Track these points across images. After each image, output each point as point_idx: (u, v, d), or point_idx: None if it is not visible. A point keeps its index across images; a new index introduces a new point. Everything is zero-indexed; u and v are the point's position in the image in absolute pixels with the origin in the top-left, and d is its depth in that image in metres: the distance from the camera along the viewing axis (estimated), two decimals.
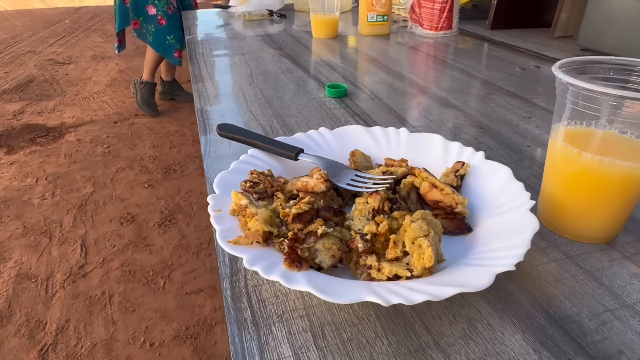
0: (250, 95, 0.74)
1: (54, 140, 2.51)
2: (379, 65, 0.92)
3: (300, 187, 0.40)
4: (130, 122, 2.75)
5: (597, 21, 0.89)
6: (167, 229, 1.79)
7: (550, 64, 0.92)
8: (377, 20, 1.14)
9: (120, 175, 2.17)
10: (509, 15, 1.25)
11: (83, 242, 1.69)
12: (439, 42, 1.10)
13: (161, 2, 2.32)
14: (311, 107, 0.69)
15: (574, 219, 0.39)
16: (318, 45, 1.09)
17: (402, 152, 0.47)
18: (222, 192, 0.38)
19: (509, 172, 0.40)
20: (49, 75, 3.62)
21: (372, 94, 0.75)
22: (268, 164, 0.44)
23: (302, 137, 0.48)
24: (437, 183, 0.38)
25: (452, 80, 0.82)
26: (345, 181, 0.40)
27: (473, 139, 0.58)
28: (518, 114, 0.66)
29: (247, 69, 0.89)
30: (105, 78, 3.57)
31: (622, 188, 0.36)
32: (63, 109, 2.94)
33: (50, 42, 4.72)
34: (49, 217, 1.84)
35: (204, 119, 0.64)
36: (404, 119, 0.64)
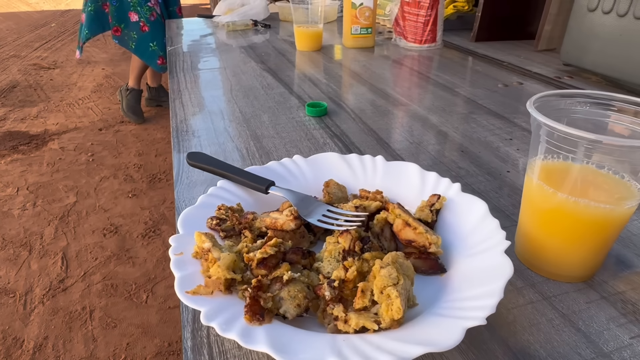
0: (229, 113, 0.73)
1: (37, 148, 2.46)
2: (362, 80, 0.91)
3: (269, 225, 0.38)
4: (115, 129, 2.70)
5: (579, 37, 0.89)
6: (151, 240, 1.75)
7: (533, 80, 0.91)
8: (361, 32, 1.13)
9: (104, 184, 2.13)
10: (494, 27, 1.25)
11: (64, 254, 1.65)
12: (422, 55, 1.09)
13: (144, 9, 2.28)
14: (290, 127, 0.67)
15: (550, 258, 0.38)
16: (301, 58, 1.07)
17: (377, 181, 0.46)
18: (187, 231, 0.36)
19: (485, 208, 0.39)
20: (33, 80, 3.56)
21: (354, 113, 0.73)
22: (238, 197, 0.42)
23: (275, 166, 0.47)
24: (410, 221, 0.37)
25: (435, 97, 0.81)
26: (316, 217, 0.39)
27: (453, 163, 0.57)
28: (499, 135, 0.65)
29: (228, 84, 0.87)
30: (91, 84, 3.52)
31: (599, 229, 0.35)
32: (47, 115, 2.89)
33: (35, 46, 4.65)
34: (29, 228, 1.80)
35: (179, 140, 0.62)
36: (384, 141, 0.63)
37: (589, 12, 0.86)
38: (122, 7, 2.29)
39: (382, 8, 1.40)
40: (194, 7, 7.05)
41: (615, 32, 0.81)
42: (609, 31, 0.82)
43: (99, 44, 4.78)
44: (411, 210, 0.41)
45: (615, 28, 0.81)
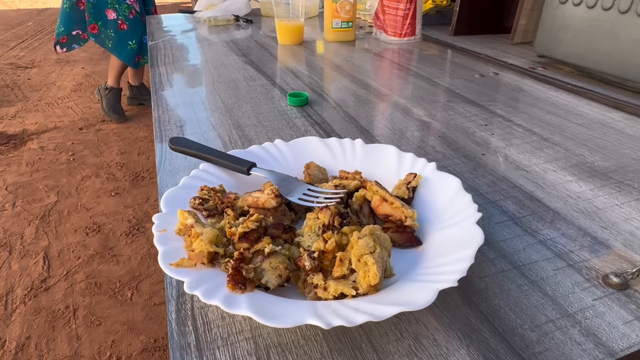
0: (211, 104, 0.73)
1: (15, 148, 2.41)
2: (343, 72, 0.92)
3: (251, 203, 0.39)
4: (96, 129, 2.67)
5: (551, 29, 0.92)
6: (135, 238, 1.74)
7: (509, 70, 0.94)
8: (342, 26, 1.14)
9: (86, 183, 2.11)
10: (471, 21, 1.27)
11: (46, 254, 1.63)
12: (402, 49, 1.11)
13: (122, 7, 2.26)
14: (272, 116, 0.68)
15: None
16: (283, 52, 1.08)
17: (357, 163, 0.47)
18: (170, 210, 0.37)
19: (458, 183, 0.40)
20: (9, 80, 3.48)
21: (335, 103, 0.75)
22: (220, 179, 0.43)
23: (257, 150, 0.48)
24: (387, 197, 0.38)
25: (415, 88, 0.83)
26: (297, 196, 0.40)
27: (431, 148, 0.59)
28: (475, 122, 0.67)
29: (210, 76, 0.88)
30: (71, 83, 3.46)
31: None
32: (25, 115, 2.83)
33: (12, 45, 4.54)
34: (8, 229, 1.76)
35: (161, 130, 0.63)
36: (365, 129, 0.65)
37: (560, 5, 0.89)
38: (99, 4, 2.25)
39: (362, 3, 1.42)
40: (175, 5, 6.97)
41: (585, 23, 0.84)
42: (579, 23, 0.85)
43: None
44: (389, 189, 0.43)
45: (585, 20, 0.84)
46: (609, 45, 0.80)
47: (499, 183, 0.50)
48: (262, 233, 0.35)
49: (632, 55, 0.76)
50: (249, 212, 0.39)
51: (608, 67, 0.82)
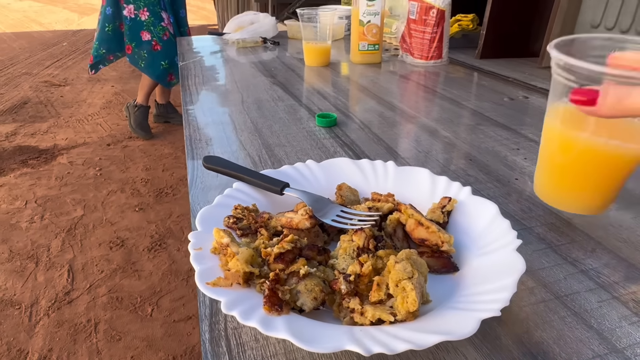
0: (240, 123, 0.74)
1: (46, 162, 2.50)
2: (370, 94, 0.93)
3: (285, 224, 0.39)
4: (123, 145, 2.74)
5: None
6: (157, 253, 1.76)
7: (539, 94, 0.93)
8: (368, 49, 1.16)
9: (112, 198, 2.15)
10: (498, 45, 1.27)
11: (70, 267, 1.66)
12: (429, 71, 1.11)
13: (157, 28, 2.35)
14: (301, 136, 0.69)
15: (568, 190, 0.42)
16: (310, 73, 1.10)
17: (389, 186, 0.47)
18: (205, 228, 0.37)
19: (496, 209, 0.39)
20: (43, 97, 3.63)
21: (362, 124, 0.75)
22: (253, 199, 0.44)
23: (288, 170, 0.48)
24: (422, 220, 0.38)
25: (442, 110, 0.83)
26: (330, 217, 0.40)
27: (461, 171, 0.58)
28: (506, 145, 0.66)
29: (239, 96, 0.89)
30: (100, 100, 3.58)
31: (613, 164, 0.39)
32: (56, 130, 2.93)
33: (47, 64, 4.75)
34: (36, 241, 1.81)
35: (192, 147, 0.64)
36: (393, 150, 0.64)
37: (592, 29, 0.89)
38: (135, 26, 2.35)
39: (388, 26, 1.44)
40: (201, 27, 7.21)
41: None
42: None
43: None
44: (422, 212, 0.42)
45: None
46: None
47: (535, 209, 0.49)
48: (297, 254, 0.35)
49: None
50: (282, 232, 0.39)
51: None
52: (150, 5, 2.33)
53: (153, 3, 2.33)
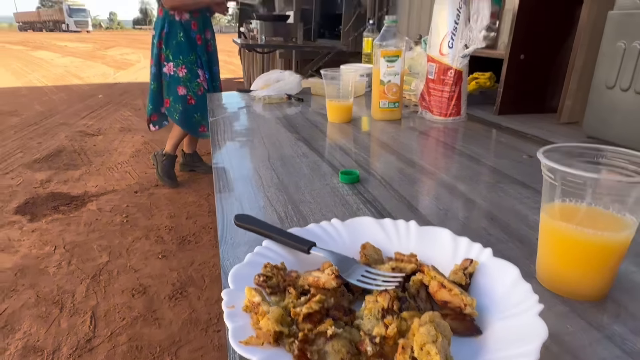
0: (267, 179, 0.78)
1: (76, 208, 2.60)
2: (391, 150, 0.96)
3: (312, 283, 0.41)
4: (150, 192, 2.83)
5: (600, 112, 0.93)
6: (178, 302, 1.77)
7: None
8: (389, 106, 1.21)
9: (136, 245, 2.20)
10: (516, 101, 1.31)
11: (93, 313, 1.68)
12: (448, 128, 1.15)
13: (193, 84, 2.53)
14: (324, 193, 0.72)
15: (566, 279, 0.45)
16: (333, 130, 1.15)
17: (412, 245, 0.49)
18: (236, 286, 0.40)
19: (517, 272, 0.40)
20: (78, 146, 3.83)
21: (384, 180, 0.78)
22: (281, 257, 0.46)
23: (314, 229, 0.50)
24: (445, 283, 0.39)
25: (462, 167, 0.85)
26: (355, 277, 0.41)
27: (482, 230, 0.59)
28: (527, 204, 0.67)
29: (265, 152, 0.94)
30: (130, 149, 3.75)
31: (604, 253, 0.42)
32: (88, 178, 3.07)
33: (83, 115, 5.05)
34: (62, 286, 1.85)
35: (222, 203, 0.67)
36: (414, 207, 0.66)
37: (607, 89, 0.91)
38: (173, 81, 2.53)
39: (407, 83, 1.50)
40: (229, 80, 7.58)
41: (635, 107, 0.85)
42: (629, 107, 0.86)
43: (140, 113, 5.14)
44: (444, 274, 0.44)
45: (635, 104, 0.85)
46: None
47: None
48: (325, 314, 0.36)
49: None
50: (309, 291, 0.40)
51: None
52: (189, 63, 2.51)
53: (191, 61, 2.52)
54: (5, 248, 2.15)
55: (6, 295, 1.78)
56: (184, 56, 2.51)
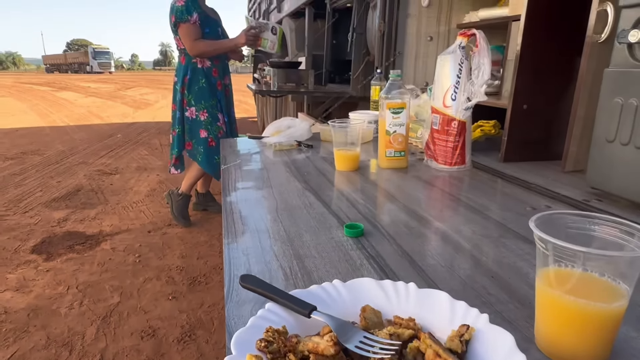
0: (274, 232, 0.80)
1: (90, 248, 2.64)
2: (396, 201, 0.98)
3: (311, 349, 0.42)
4: (162, 232, 2.87)
5: (602, 165, 0.94)
6: (186, 345, 1.76)
7: (562, 203, 0.96)
8: (395, 155, 1.24)
9: (147, 285, 2.22)
10: (520, 149, 1.33)
11: (102, 357, 1.68)
12: (453, 177, 1.17)
13: (213, 127, 2.65)
14: (329, 247, 0.74)
15: (563, 347, 0.45)
16: (340, 178, 1.18)
17: (410, 308, 0.50)
18: (239, 352, 0.41)
19: (513, 341, 0.41)
20: (95, 184, 3.93)
21: (388, 234, 0.79)
22: (283, 319, 0.47)
23: (317, 290, 0.52)
24: (440, 352, 0.40)
25: (466, 220, 0.86)
26: (354, 343, 0.43)
27: (483, 289, 0.60)
28: (528, 261, 0.68)
29: (274, 203, 0.97)
30: (146, 188, 3.83)
31: (599, 324, 0.43)
32: (103, 217, 3.13)
33: (102, 154, 5.20)
34: (73, 327, 1.86)
35: (230, 260, 0.69)
36: (417, 264, 0.68)
37: (608, 143, 0.93)
38: (195, 125, 2.65)
39: (414, 131, 1.54)
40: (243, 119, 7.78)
41: (636, 161, 0.86)
42: (629, 160, 0.88)
43: (156, 152, 5.28)
44: (442, 338, 0.44)
45: (636, 159, 0.86)
46: None
47: None
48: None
49: None
50: (308, 358, 0.42)
51: None
52: (210, 107, 2.64)
53: (212, 106, 2.64)
54: (20, 288, 2.18)
55: (17, 336, 1.80)
56: (205, 101, 2.62)
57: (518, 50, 1.25)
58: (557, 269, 0.44)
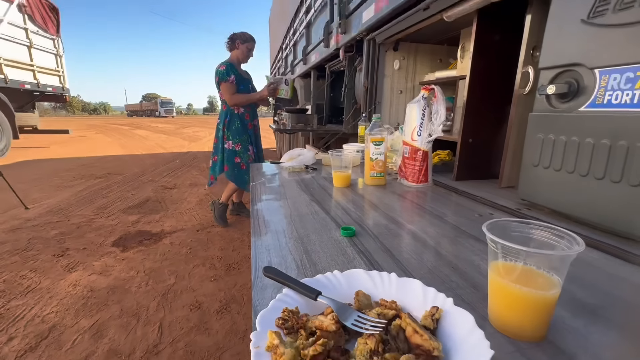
0: (289, 233, 0.77)
1: (155, 242, 2.59)
2: (378, 210, 0.96)
3: (317, 326, 0.39)
4: (207, 231, 2.83)
5: (529, 183, 0.92)
6: (223, 315, 1.70)
7: (501, 211, 0.93)
8: (376, 175, 1.22)
9: (195, 270, 2.17)
10: (468, 170, 1.30)
11: (161, 324, 1.62)
12: (419, 191, 1.14)
13: (245, 155, 2.64)
14: (329, 244, 0.71)
15: (510, 324, 0.42)
16: (337, 192, 1.15)
17: (392, 292, 0.47)
18: (262, 328, 0.38)
19: (473, 320, 0.38)
20: (159, 196, 3.90)
21: (374, 234, 0.76)
22: (296, 302, 0.44)
23: (321, 278, 0.49)
24: (417, 329, 0.37)
25: (430, 224, 0.83)
26: (350, 321, 0.40)
27: (446, 277, 0.57)
28: (480, 256, 0.65)
29: (289, 211, 0.94)
30: (196, 199, 3.80)
31: (537, 306, 0.41)
32: (164, 220, 3.09)
33: (164, 174, 5.19)
34: (140, 302, 1.81)
35: (256, 255, 0.67)
36: (396, 258, 0.65)
37: (533, 167, 0.91)
38: (231, 153, 2.64)
39: (390, 158, 1.52)
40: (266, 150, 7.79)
41: (555, 181, 0.84)
42: (550, 180, 0.85)
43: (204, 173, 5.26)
44: (417, 317, 0.41)
45: (555, 179, 0.84)
46: (576, 197, 0.78)
47: None
48: (326, 355, 0.34)
49: (595, 205, 0.73)
50: (316, 332, 0.39)
51: (578, 213, 0.79)
52: (243, 141, 2.64)
53: (244, 140, 2.64)
54: (103, 272, 2.13)
55: (100, 308, 1.74)
56: (239, 136, 2.63)
57: (464, 100, 1.24)
58: (505, 263, 0.41)
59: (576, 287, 0.52)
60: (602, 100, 0.73)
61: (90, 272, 2.12)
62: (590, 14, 0.74)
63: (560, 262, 0.39)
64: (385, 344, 0.36)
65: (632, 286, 0.52)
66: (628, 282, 0.53)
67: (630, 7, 0.66)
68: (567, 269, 0.39)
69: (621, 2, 0.68)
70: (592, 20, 0.74)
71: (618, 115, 0.69)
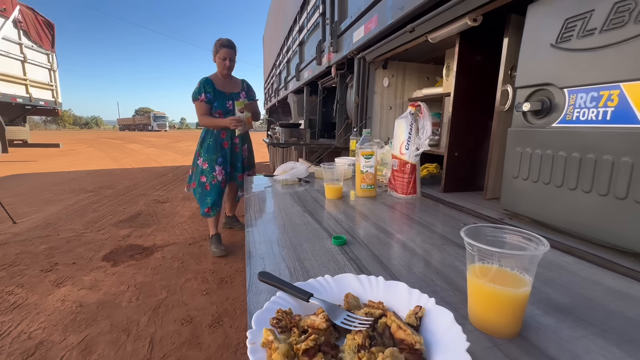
0: (282, 242, 0.80)
1: (146, 256, 2.57)
2: (369, 220, 0.99)
3: (309, 324, 0.42)
4: (199, 244, 2.81)
5: (510, 194, 0.97)
6: (215, 329, 1.69)
7: (485, 221, 0.97)
8: (367, 187, 1.26)
9: (187, 284, 2.15)
10: (454, 182, 1.36)
11: (152, 339, 1.60)
12: (408, 202, 1.19)
13: (209, 176, 2.52)
14: (321, 252, 0.74)
15: (487, 322, 0.45)
16: (329, 204, 1.19)
17: (380, 294, 0.50)
18: (257, 327, 0.41)
19: (452, 317, 0.42)
20: (151, 210, 3.87)
21: (363, 243, 0.80)
22: (289, 304, 0.47)
23: (313, 282, 0.52)
24: (401, 325, 0.40)
25: (418, 233, 0.87)
26: (340, 320, 0.43)
27: (431, 281, 0.60)
28: (462, 262, 0.68)
29: (282, 221, 0.97)
30: (188, 213, 3.78)
31: (510, 303, 0.43)
32: (156, 233, 3.06)
33: (157, 188, 5.15)
34: (130, 317, 1.78)
35: (251, 261, 0.69)
36: (385, 265, 0.68)
37: (513, 179, 0.96)
38: (198, 171, 2.56)
39: (380, 170, 1.57)
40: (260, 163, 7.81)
41: (533, 192, 0.89)
42: (529, 191, 0.90)
43: None
44: (402, 315, 0.45)
45: (533, 189, 0.89)
46: (552, 207, 0.83)
47: None
48: (318, 349, 0.37)
49: (569, 214, 0.78)
50: (308, 331, 0.41)
51: (555, 222, 0.83)
52: (210, 160, 2.53)
53: (212, 159, 2.54)
54: (92, 287, 2.10)
55: (89, 324, 1.71)
56: (208, 155, 2.54)
57: (450, 116, 1.31)
58: (481, 265, 0.45)
59: (550, 289, 0.56)
60: (572, 117, 0.79)
61: (80, 287, 2.09)
62: (558, 39, 0.81)
63: (530, 263, 0.43)
64: (371, 340, 0.39)
65: (602, 288, 0.56)
66: (598, 284, 0.57)
67: (591, 35, 0.73)
68: (535, 268, 0.43)
69: (584, 29, 0.75)
70: (560, 44, 0.81)
71: (586, 130, 0.75)
